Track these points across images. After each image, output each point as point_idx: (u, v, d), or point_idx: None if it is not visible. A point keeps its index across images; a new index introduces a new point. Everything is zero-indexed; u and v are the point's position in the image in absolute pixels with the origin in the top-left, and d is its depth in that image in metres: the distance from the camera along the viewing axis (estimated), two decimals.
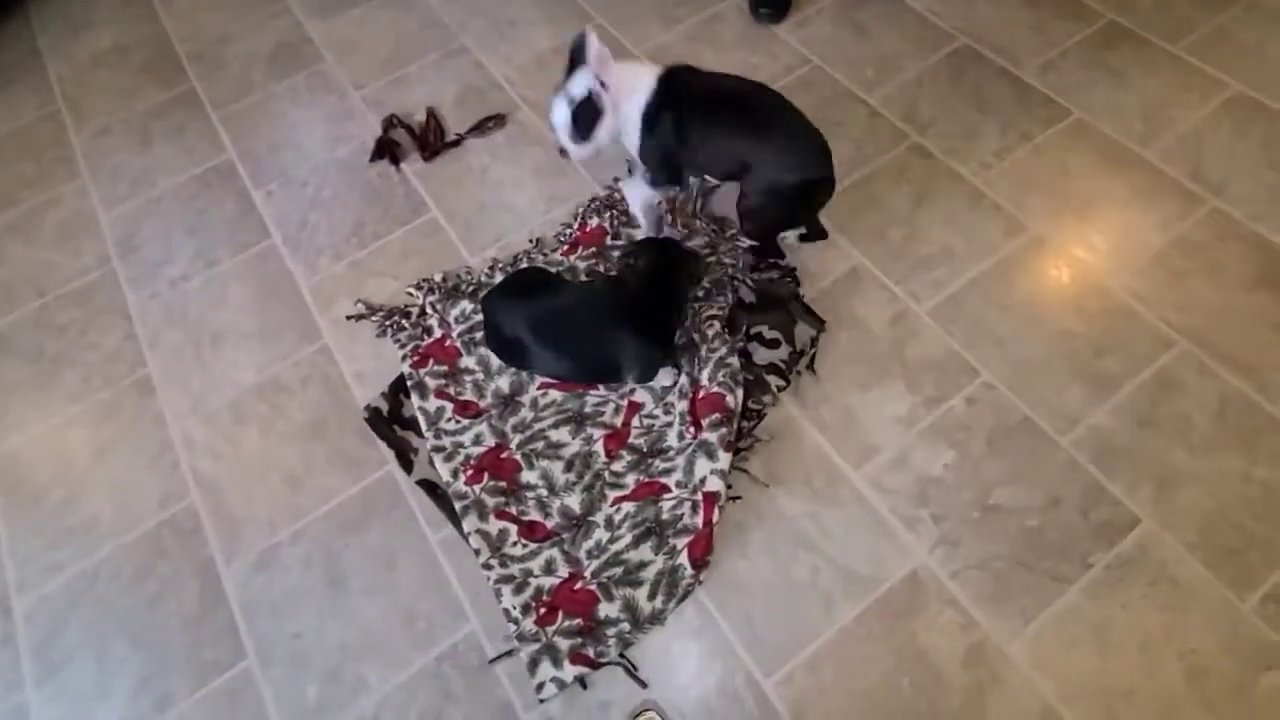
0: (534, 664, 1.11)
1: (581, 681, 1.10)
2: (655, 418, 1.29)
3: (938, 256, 1.45)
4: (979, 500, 1.20)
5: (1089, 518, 1.17)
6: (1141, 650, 1.07)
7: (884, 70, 1.71)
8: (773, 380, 1.30)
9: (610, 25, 1.87)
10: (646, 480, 1.22)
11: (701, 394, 1.26)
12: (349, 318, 1.47)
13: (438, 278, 1.48)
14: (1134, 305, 1.36)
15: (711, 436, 1.20)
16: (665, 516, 1.19)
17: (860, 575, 1.15)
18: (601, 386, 1.32)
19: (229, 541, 1.26)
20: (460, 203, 1.60)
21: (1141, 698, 1.04)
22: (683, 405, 1.27)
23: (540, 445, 1.27)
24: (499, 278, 1.44)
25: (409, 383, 1.35)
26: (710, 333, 1.31)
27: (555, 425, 1.29)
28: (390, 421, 1.33)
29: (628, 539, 1.17)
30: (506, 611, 1.14)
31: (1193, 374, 1.28)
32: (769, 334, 1.35)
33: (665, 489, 1.21)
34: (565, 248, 1.50)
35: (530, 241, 1.53)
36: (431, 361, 1.38)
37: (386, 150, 1.67)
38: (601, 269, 1.46)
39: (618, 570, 1.16)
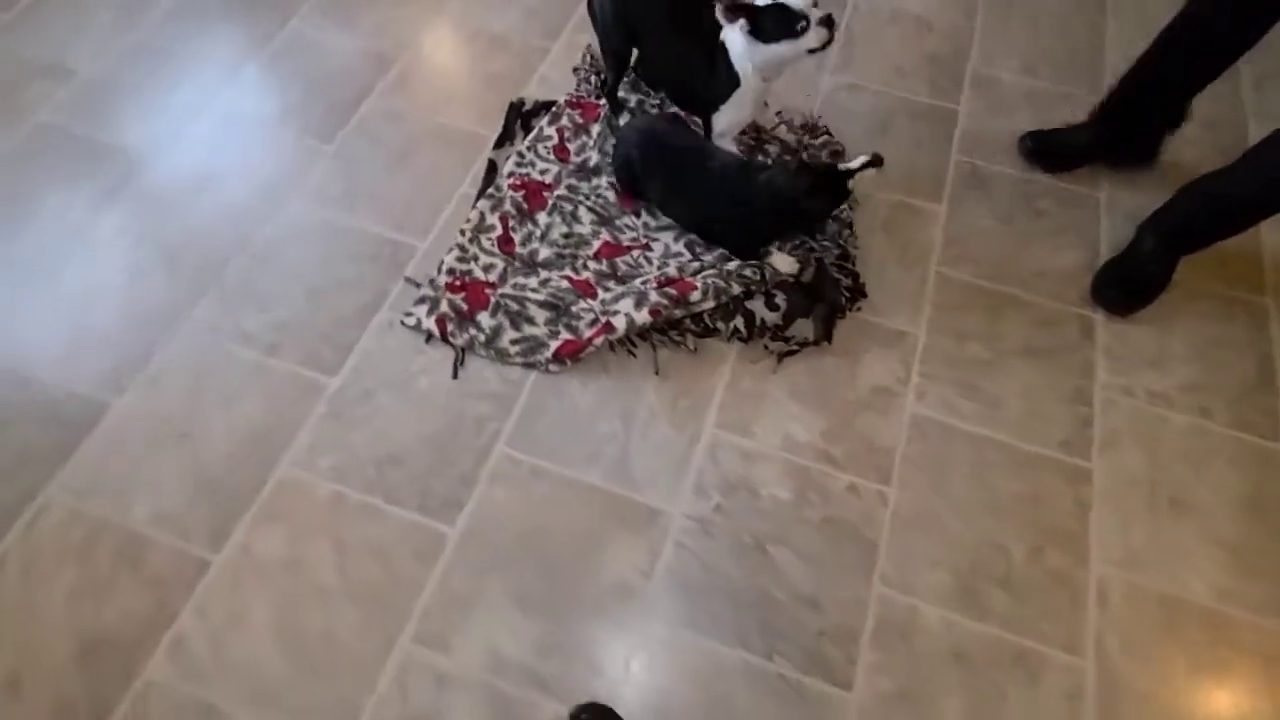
0: (420, 301, 1.36)
1: (428, 336, 1.34)
2: (648, 261, 1.41)
3: (982, 394, 1.31)
4: (761, 537, 1.17)
5: (822, 640, 1.09)
6: None
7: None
8: (738, 323, 1.34)
9: None
10: (591, 281, 1.38)
11: (685, 278, 1.36)
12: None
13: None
14: (1096, 599, 1.13)
15: (653, 294, 1.31)
16: (573, 309, 1.34)
17: (629, 473, 1.21)
18: (638, 221, 1.47)
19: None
20: None
21: None
22: (671, 270, 1.38)
23: (570, 208, 1.47)
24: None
25: (553, 109, 1.62)
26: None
27: (591, 216, 1.47)
28: (520, 116, 1.62)
29: (541, 297, 1.35)
30: (441, 262, 1.41)
31: (1064, 685, 1.06)
32: (779, 301, 1.37)
33: (593, 294, 1.35)
34: None
35: None
36: (573, 112, 1.61)
37: None
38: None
39: (516, 306, 1.35)
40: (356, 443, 1.22)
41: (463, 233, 1.44)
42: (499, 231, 1.45)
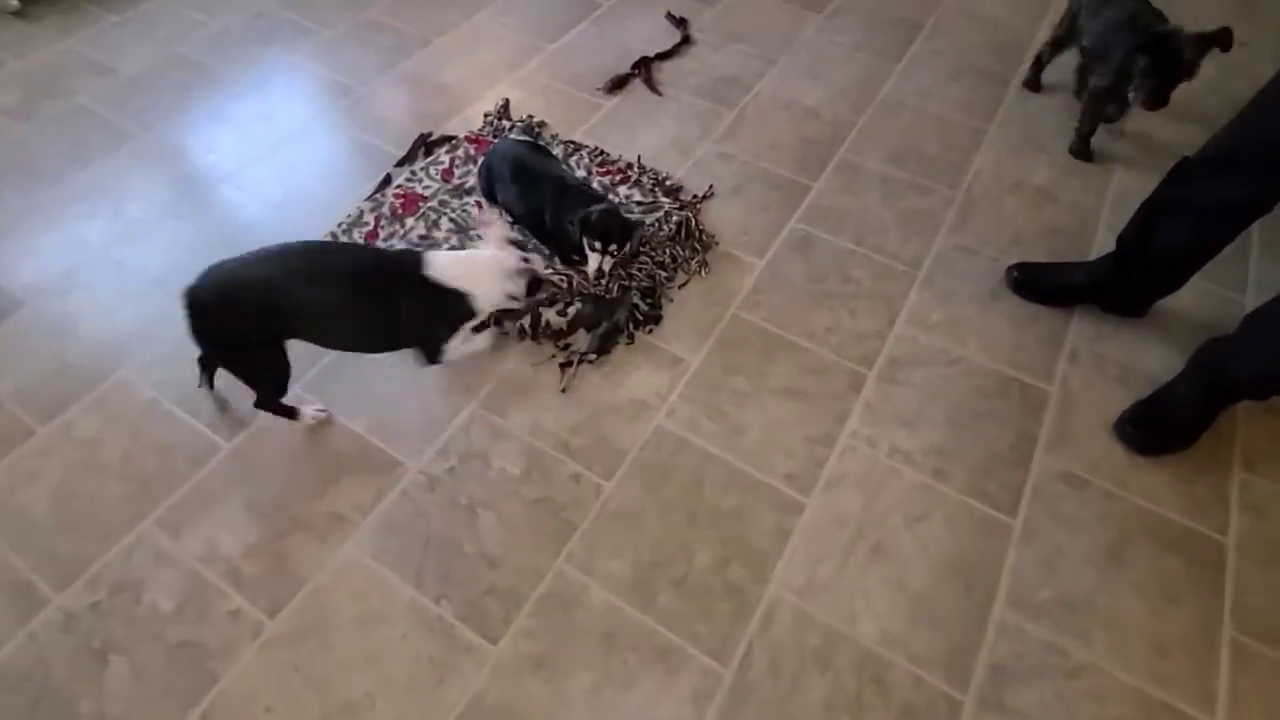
0: None
1: None
2: None
3: (729, 420, 1.41)
4: (475, 500, 1.30)
5: (488, 597, 1.19)
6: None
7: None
8: (524, 323, 1.53)
9: None
10: None
11: None
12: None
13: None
14: (762, 617, 1.18)
15: None
16: None
17: (389, 428, 1.39)
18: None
19: None
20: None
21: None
22: None
23: (435, 216, 1.74)
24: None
25: (453, 141, 1.92)
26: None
27: (449, 225, 1.73)
28: (425, 145, 1.92)
29: None
30: None
31: (696, 686, 1.11)
32: (569, 310, 1.55)
33: None
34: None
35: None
36: (469, 145, 1.90)
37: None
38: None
39: None
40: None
41: (340, 224, 1.72)
42: (370, 228, 1.73)
